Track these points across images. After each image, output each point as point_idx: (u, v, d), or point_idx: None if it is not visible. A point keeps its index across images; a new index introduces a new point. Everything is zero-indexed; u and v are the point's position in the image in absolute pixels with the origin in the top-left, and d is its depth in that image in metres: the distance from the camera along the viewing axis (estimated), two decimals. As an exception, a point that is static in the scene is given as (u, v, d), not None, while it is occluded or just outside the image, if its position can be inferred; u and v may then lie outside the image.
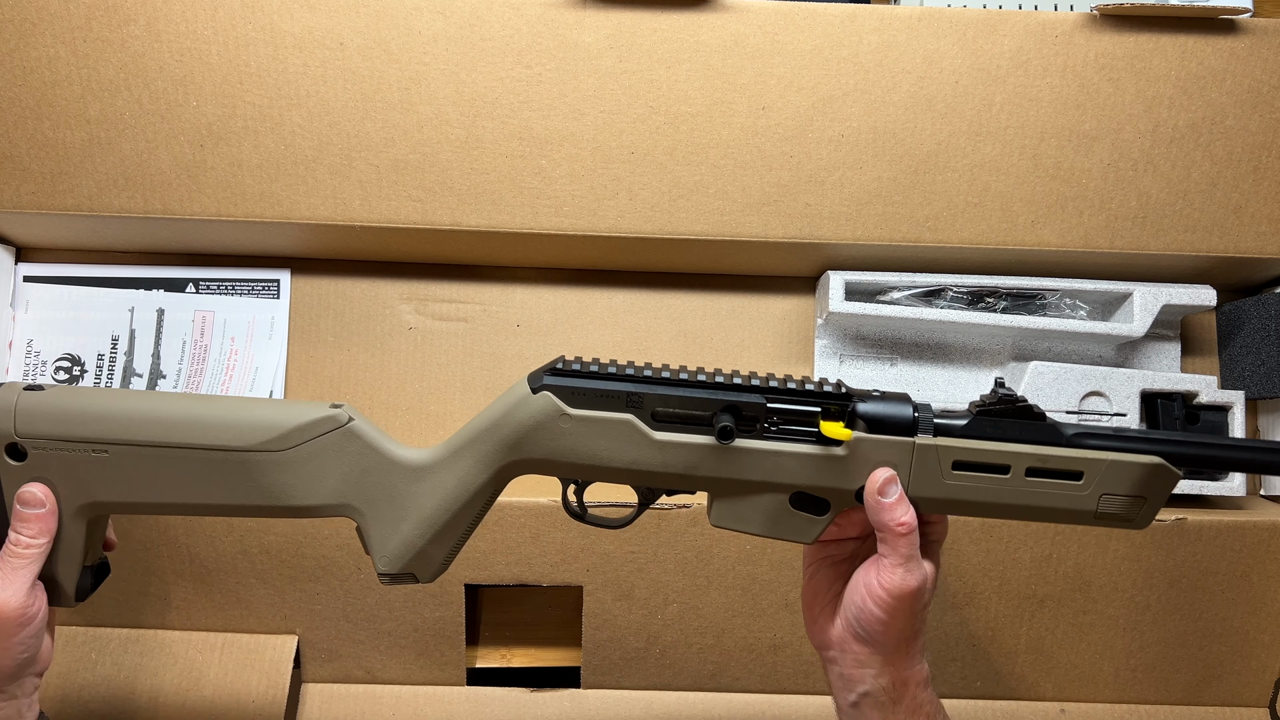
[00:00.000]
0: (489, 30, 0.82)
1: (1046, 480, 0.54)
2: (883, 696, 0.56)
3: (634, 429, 0.55)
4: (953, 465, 0.54)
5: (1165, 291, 0.89)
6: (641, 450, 0.55)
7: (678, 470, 0.55)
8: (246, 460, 0.57)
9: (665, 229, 0.85)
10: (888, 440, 0.54)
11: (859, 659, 0.56)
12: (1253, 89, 0.84)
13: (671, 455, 0.55)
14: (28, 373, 0.92)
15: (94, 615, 0.85)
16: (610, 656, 0.87)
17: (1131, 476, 0.54)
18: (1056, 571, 0.84)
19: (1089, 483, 0.54)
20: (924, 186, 0.85)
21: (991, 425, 0.54)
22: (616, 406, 0.55)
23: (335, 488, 0.58)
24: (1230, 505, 0.89)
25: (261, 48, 0.82)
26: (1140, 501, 0.54)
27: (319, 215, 0.84)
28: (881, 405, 0.55)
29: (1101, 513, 0.54)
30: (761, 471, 0.55)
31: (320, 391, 0.94)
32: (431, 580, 0.59)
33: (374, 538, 0.59)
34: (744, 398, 0.55)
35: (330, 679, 0.88)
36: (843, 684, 0.57)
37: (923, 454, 0.54)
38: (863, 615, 0.55)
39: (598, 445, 0.55)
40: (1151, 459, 0.54)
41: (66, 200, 0.83)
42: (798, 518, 0.56)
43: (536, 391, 0.56)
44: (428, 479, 0.58)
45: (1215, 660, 0.87)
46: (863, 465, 0.54)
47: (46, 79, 0.81)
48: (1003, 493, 0.54)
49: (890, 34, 0.83)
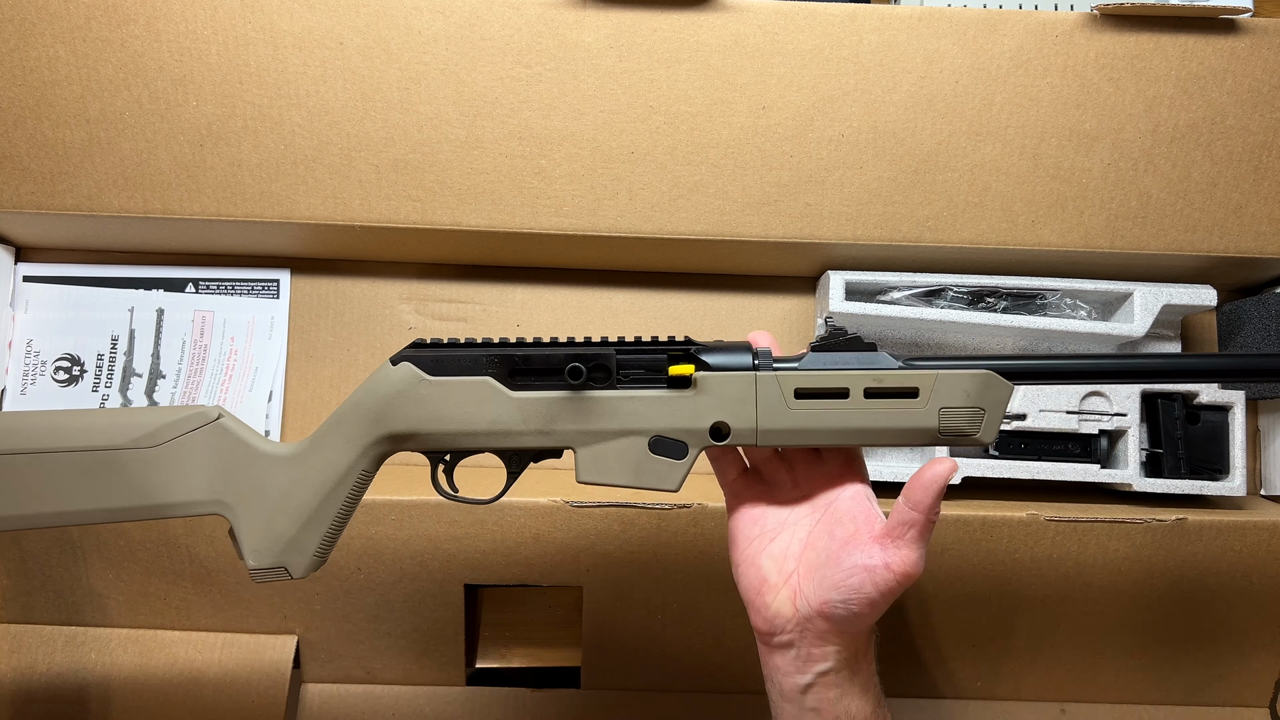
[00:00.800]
0: (489, 30, 0.82)
1: (885, 400, 0.57)
2: (843, 670, 0.55)
3: (492, 388, 0.57)
4: (795, 394, 0.57)
5: (1165, 291, 0.89)
6: (501, 409, 0.57)
7: (538, 425, 0.58)
8: (118, 459, 0.57)
9: (665, 229, 0.85)
10: (731, 375, 0.57)
11: (823, 637, 0.55)
12: (1253, 89, 0.84)
13: (530, 410, 0.57)
14: (27, 372, 0.92)
15: (94, 616, 0.85)
16: (610, 657, 0.87)
17: (964, 387, 0.57)
18: (1057, 571, 0.84)
19: (925, 398, 0.57)
20: (924, 186, 0.85)
21: (827, 357, 0.58)
22: (474, 371, 0.58)
23: (206, 484, 0.58)
24: (1230, 505, 0.89)
25: (261, 47, 0.82)
26: (979, 413, 0.57)
27: (319, 215, 0.84)
28: (722, 353, 0.58)
29: (944, 428, 0.57)
30: (618, 419, 0.57)
31: (320, 391, 0.94)
32: (304, 575, 0.59)
33: (245, 534, 0.59)
34: (595, 350, 0.58)
35: (330, 679, 0.88)
36: (795, 666, 0.56)
37: (765, 384, 0.57)
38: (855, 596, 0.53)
39: (458, 410, 0.57)
40: (980, 371, 0.57)
41: (66, 200, 0.83)
42: (659, 463, 0.58)
43: (396, 364, 0.58)
44: (296, 468, 0.59)
45: (1215, 660, 0.87)
46: (712, 402, 0.57)
47: (46, 79, 0.81)
48: (847, 416, 0.57)
49: (890, 34, 0.83)
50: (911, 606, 0.85)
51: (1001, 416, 0.57)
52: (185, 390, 0.92)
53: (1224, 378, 0.60)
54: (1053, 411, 0.88)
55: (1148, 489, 0.87)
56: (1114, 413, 0.89)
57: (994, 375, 0.57)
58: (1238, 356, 0.61)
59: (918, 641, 0.86)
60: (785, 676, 0.57)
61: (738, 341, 0.59)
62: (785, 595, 0.57)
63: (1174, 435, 0.89)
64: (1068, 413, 0.88)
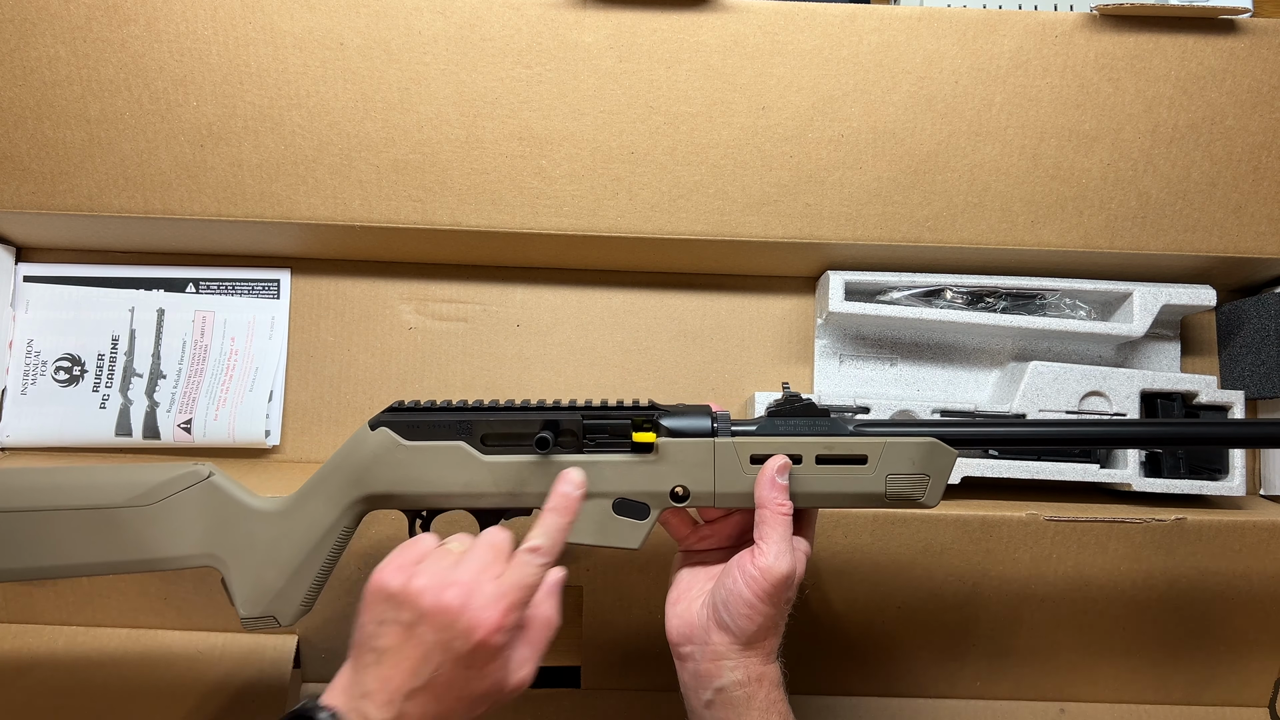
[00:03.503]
0: (489, 30, 0.82)
1: (836, 466, 0.60)
2: (738, 691, 0.57)
3: (465, 454, 0.60)
4: (750, 459, 0.60)
5: (1165, 291, 0.89)
6: (473, 473, 0.60)
7: (508, 489, 0.61)
8: (116, 516, 0.61)
9: (665, 229, 0.85)
10: (691, 442, 0.60)
11: (717, 651, 0.57)
12: (1253, 89, 0.84)
13: (501, 474, 0.60)
14: (28, 372, 0.92)
15: (94, 616, 0.85)
16: (610, 657, 0.87)
17: (910, 455, 0.60)
18: (1056, 571, 0.84)
19: (873, 465, 0.60)
20: (924, 186, 0.85)
21: (782, 423, 0.61)
22: (448, 435, 0.60)
23: (199, 539, 0.62)
24: (1229, 505, 0.89)
25: (261, 48, 0.82)
26: (924, 479, 0.60)
27: (319, 215, 0.84)
28: (684, 418, 0.61)
29: (890, 493, 0.60)
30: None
31: (321, 392, 0.94)
32: (292, 622, 0.63)
33: (236, 584, 0.62)
34: (562, 416, 0.61)
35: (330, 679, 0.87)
36: (697, 681, 0.58)
37: (723, 450, 0.60)
38: (731, 598, 0.57)
39: (433, 473, 0.60)
40: (924, 439, 0.60)
41: (66, 200, 0.83)
42: (622, 524, 0.61)
43: (374, 429, 0.61)
44: (282, 524, 0.62)
45: (1215, 660, 0.87)
46: (672, 467, 0.60)
47: (47, 79, 0.81)
48: (799, 481, 0.60)
49: (890, 34, 0.83)
50: (911, 605, 0.85)
51: (946, 482, 0.61)
52: (186, 390, 0.92)
53: (1171, 445, 0.62)
54: (1052, 412, 0.88)
55: (1147, 489, 0.87)
56: (1113, 412, 0.89)
57: (938, 444, 0.60)
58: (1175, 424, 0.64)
59: (917, 641, 0.86)
60: (690, 691, 0.60)
61: (698, 406, 0.62)
62: (695, 606, 0.60)
63: (1173, 435, 0.89)
64: (1067, 413, 0.88)
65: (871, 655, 0.86)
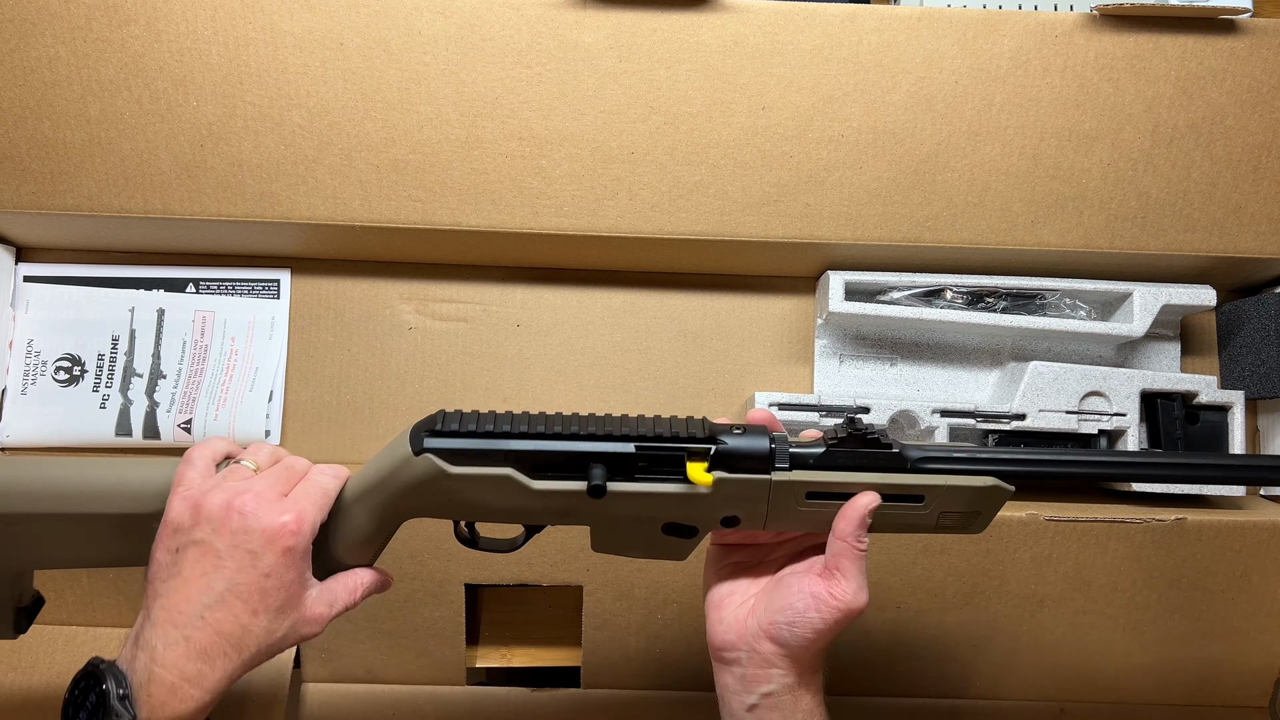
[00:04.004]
0: (489, 30, 0.82)
1: (890, 503, 0.58)
2: (786, 696, 0.57)
3: (513, 482, 0.58)
4: (806, 495, 0.58)
5: (1165, 291, 0.89)
6: (522, 499, 0.58)
7: (557, 513, 0.59)
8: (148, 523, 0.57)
9: (665, 229, 0.85)
10: (746, 479, 0.57)
11: (768, 659, 0.57)
12: (1252, 89, 0.84)
13: (551, 502, 0.58)
14: (28, 372, 0.92)
15: (94, 616, 0.85)
16: (610, 656, 0.87)
17: (968, 496, 0.58)
18: (1056, 571, 0.84)
19: (929, 504, 0.58)
20: (924, 186, 0.85)
21: (843, 456, 0.58)
22: (496, 462, 0.58)
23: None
24: (1230, 505, 0.89)
25: (261, 48, 0.82)
26: (975, 515, 0.59)
27: (319, 215, 0.84)
28: (741, 443, 0.58)
29: (941, 525, 0.59)
30: (634, 508, 0.58)
31: (321, 392, 0.94)
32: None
33: None
34: (615, 447, 0.58)
35: (330, 679, 0.88)
36: (742, 685, 0.58)
37: (778, 490, 0.57)
38: (799, 621, 0.56)
39: (480, 497, 0.58)
40: (986, 481, 0.58)
41: (66, 200, 0.83)
42: (670, 541, 0.60)
43: (418, 454, 0.58)
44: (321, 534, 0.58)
45: (1215, 660, 0.87)
46: (725, 501, 0.58)
47: (46, 79, 0.81)
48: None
49: (890, 34, 0.83)
50: (911, 606, 0.85)
51: (995, 515, 0.59)
52: (186, 390, 0.92)
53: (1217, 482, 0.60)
54: (1052, 412, 0.88)
55: (1147, 489, 0.87)
56: (1113, 413, 0.89)
57: (999, 485, 0.58)
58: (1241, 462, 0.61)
59: (918, 641, 0.86)
60: (733, 695, 0.59)
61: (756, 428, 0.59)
62: (740, 613, 0.59)
63: (1173, 435, 0.89)
64: (1067, 413, 0.88)
65: (871, 656, 0.86)
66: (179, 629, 0.50)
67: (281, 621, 0.53)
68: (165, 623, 0.51)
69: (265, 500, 0.53)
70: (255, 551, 0.51)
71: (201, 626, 0.50)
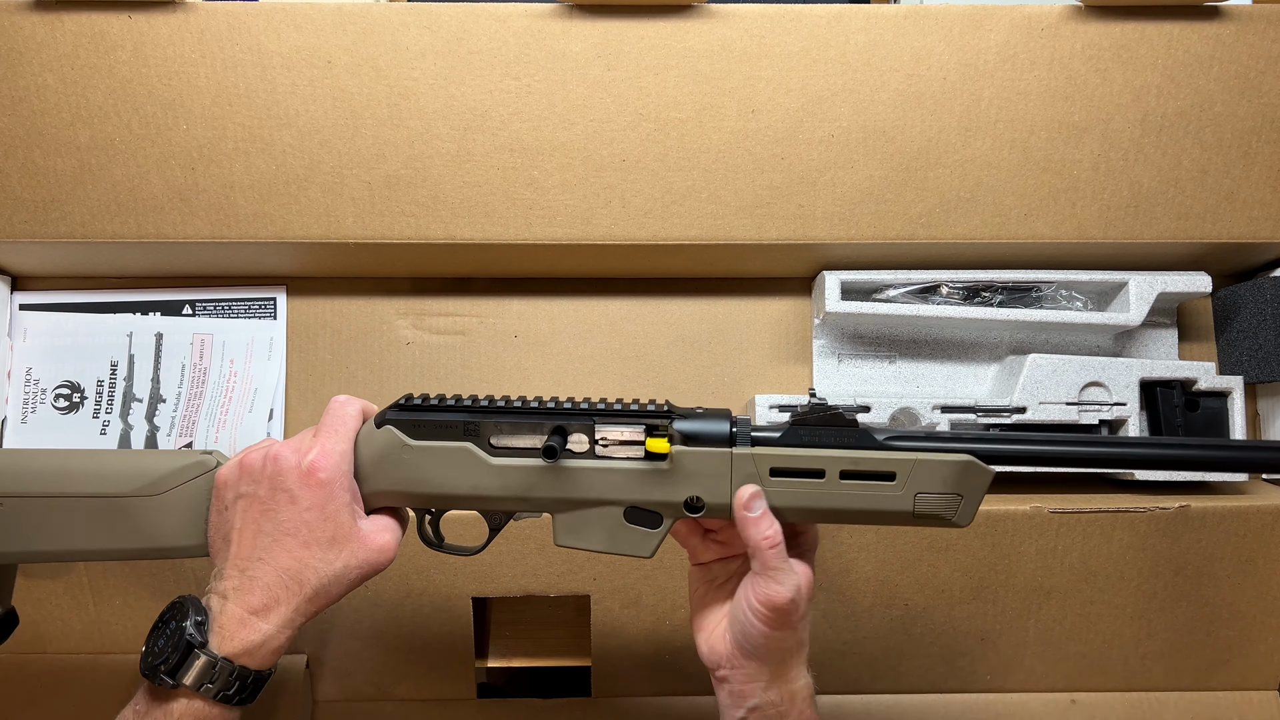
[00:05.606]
0: (476, 43, 0.83)
1: (861, 482, 0.56)
2: (771, 710, 0.57)
3: (472, 455, 0.58)
4: (770, 472, 0.56)
5: (1160, 279, 0.89)
6: (481, 476, 0.58)
7: (516, 493, 0.58)
8: (125, 505, 0.60)
9: (659, 235, 0.85)
10: (706, 451, 0.57)
11: (749, 674, 0.57)
12: (1240, 75, 0.84)
13: (509, 479, 0.58)
14: (28, 401, 0.92)
15: (95, 615, 0.85)
16: (620, 664, 0.87)
17: (942, 474, 0.55)
18: (1062, 563, 0.84)
19: (902, 483, 0.56)
20: (916, 184, 0.85)
21: (806, 433, 0.57)
22: (455, 436, 0.58)
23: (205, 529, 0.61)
24: (1233, 490, 0.89)
25: (249, 69, 0.82)
26: (956, 499, 0.56)
27: (313, 234, 0.84)
28: (701, 422, 0.57)
29: (919, 512, 0.56)
30: (595, 489, 0.58)
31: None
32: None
33: None
34: (571, 419, 0.58)
35: (341, 697, 0.88)
36: (732, 700, 0.59)
37: (740, 463, 0.56)
38: (747, 629, 0.56)
39: (439, 473, 0.58)
40: (960, 456, 0.55)
41: (60, 228, 0.83)
42: (634, 532, 0.58)
43: (380, 426, 0.59)
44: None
45: (1223, 645, 0.88)
46: (687, 477, 0.57)
47: (35, 107, 0.81)
48: (820, 496, 0.57)
49: (877, 33, 0.83)
50: (918, 602, 0.85)
51: (979, 502, 0.56)
52: (186, 413, 0.92)
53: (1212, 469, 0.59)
54: (1053, 403, 0.88)
55: (1150, 477, 0.87)
56: (1113, 402, 0.89)
57: (975, 462, 0.55)
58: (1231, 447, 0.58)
59: (926, 637, 0.86)
60: (725, 710, 0.60)
61: (717, 410, 0.59)
62: (719, 632, 0.60)
63: (1174, 422, 0.89)
64: (1067, 404, 0.88)
65: (880, 653, 0.86)
66: (241, 571, 0.55)
67: (337, 553, 0.56)
68: (230, 568, 0.56)
69: (293, 446, 0.57)
70: (291, 490, 0.56)
71: (260, 566, 0.55)
